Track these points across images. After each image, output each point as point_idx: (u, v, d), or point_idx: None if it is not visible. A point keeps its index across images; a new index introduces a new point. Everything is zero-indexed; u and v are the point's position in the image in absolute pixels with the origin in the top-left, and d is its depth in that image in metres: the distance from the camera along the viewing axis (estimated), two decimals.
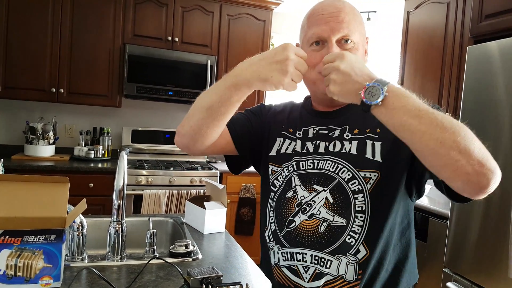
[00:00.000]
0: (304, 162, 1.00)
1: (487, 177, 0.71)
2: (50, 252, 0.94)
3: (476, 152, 0.71)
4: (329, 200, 0.93)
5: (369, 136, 0.95)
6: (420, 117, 0.72)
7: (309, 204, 0.95)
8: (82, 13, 3.07)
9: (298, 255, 0.96)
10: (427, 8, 2.77)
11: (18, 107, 3.26)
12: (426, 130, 0.71)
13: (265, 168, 1.09)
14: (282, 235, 0.98)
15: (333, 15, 0.93)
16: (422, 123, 0.71)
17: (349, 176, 0.93)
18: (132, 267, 1.18)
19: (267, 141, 1.11)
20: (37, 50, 2.98)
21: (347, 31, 0.93)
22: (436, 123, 0.71)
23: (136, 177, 2.95)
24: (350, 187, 0.93)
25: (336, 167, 0.95)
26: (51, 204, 0.96)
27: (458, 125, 0.72)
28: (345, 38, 0.93)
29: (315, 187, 0.96)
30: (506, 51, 1.88)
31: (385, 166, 0.91)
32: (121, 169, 1.24)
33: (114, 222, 1.25)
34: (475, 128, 0.78)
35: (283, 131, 1.08)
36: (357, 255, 0.91)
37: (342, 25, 0.93)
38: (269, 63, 0.83)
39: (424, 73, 2.77)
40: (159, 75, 3.23)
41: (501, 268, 1.83)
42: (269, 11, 3.59)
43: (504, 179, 0.75)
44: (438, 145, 0.70)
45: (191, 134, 0.99)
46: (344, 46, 0.94)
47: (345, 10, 0.94)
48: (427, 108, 0.74)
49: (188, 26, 3.34)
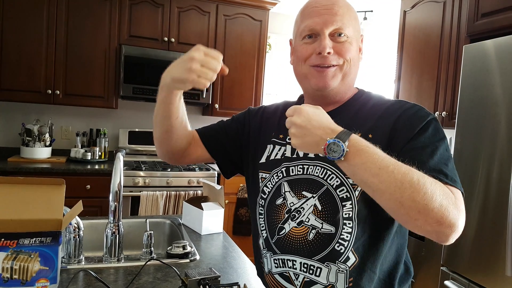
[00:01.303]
0: (294, 167, 0.98)
1: (445, 234, 0.72)
2: (46, 254, 0.93)
3: (435, 211, 0.70)
4: (317, 207, 0.92)
5: None
6: (379, 176, 0.71)
7: (298, 211, 0.94)
8: (78, 14, 3.06)
9: (289, 262, 0.95)
10: (423, 7, 2.78)
11: (14, 109, 3.25)
12: (386, 189, 0.71)
13: (255, 176, 1.07)
14: (274, 242, 0.98)
15: (326, 8, 0.92)
16: (382, 182, 0.71)
17: (337, 183, 0.91)
18: (129, 268, 1.18)
19: (254, 148, 1.09)
20: (32, 52, 2.97)
21: (341, 24, 0.91)
22: (396, 183, 0.70)
23: (133, 178, 2.94)
24: (338, 194, 0.91)
25: (325, 173, 0.93)
26: (47, 206, 0.95)
27: (419, 182, 0.70)
28: (338, 32, 0.92)
29: (304, 193, 0.95)
30: (502, 49, 1.88)
31: None
32: (118, 171, 1.24)
33: (111, 223, 1.24)
34: (472, 126, 0.78)
35: (273, 138, 1.06)
36: (346, 263, 0.90)
37: (335, 18, 0.91)
38: (178, 63, 0.90)
39: (421, 72, 2.77)
40: (156, 76, 3.17)
41: (498, 266, 1.83)
42: (265, 11, 3.59)
43: (501, 177, 0.75)
44: (397, 205, 0.71)
45: (159, 143, 1.09)
46: (337, 39, 0.92)
47: (339, 4, 0.93)
48: (388, 165, 0.71)
49: (184, 26, 3.34)
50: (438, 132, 0.87)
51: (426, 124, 0.87)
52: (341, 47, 0.92)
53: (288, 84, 4.19)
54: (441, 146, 0.84)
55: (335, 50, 0.92)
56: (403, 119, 0.89)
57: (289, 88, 4.18)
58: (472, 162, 1.99)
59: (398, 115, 0.90)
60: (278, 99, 4.13)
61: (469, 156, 2.01)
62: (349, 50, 0.93)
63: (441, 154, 0.83)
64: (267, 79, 3.89)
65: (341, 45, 0.92)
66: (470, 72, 2.06)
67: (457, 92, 2.18)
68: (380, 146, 0.76)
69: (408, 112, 0.90)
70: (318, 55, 0.92)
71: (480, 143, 1.95)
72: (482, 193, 1.93)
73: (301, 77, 0.99)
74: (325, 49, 0.90)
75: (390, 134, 0.88)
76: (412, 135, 0.85)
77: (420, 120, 0.87)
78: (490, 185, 1.89)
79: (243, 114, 1.17)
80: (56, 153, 3.27)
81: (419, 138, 0.85)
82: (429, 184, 0.71)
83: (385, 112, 0.93)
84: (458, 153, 2.07)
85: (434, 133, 0.86)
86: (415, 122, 0.87)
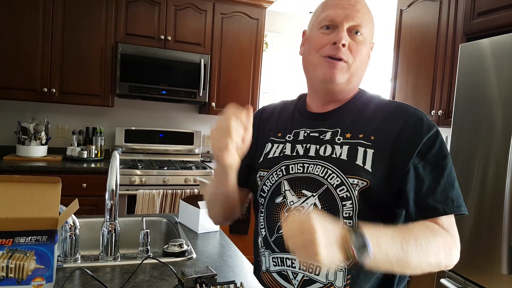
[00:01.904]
0: (294, 165, 0.98)
1: (437, 271, 0.85)
2: (42, 253, 0.93)
3: (436, 268, 0.84)
4: (317, 206, 0.92)
5: (361, 143, 0.93)
6: (394, 267, 0.79)
7: (298, 210, 0.94)
8: (74, 12, 3.04)
9: (288, 260, 0.95)
10: (419, 6, 2.78)
11: (9, 107, 3.23)
12: (398, 271, 0.84)
13: (255, 176, 1.06)
14: (272, 241, 0.98)
15: (349, 3, 0.94)
16: (395, 268, 0.80)
17: (337, 182, 0.91)
18: (126, 267, 1.17)
19: (254, 149, 1.08)
20: (28, 50, 2.95)
21: (361, 21, 0.93)
22: (405, 267, 0.80)
23: (129, 177, 2.93)
24: (339, 193, 0.91)
25: (325, 172, 0.93)
26: (43, 204, 0.95)
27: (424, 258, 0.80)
28: (356, 29, 0.93)
29: (304, 192, 0.95)
30: (498, 48, 1.89)
31: (375, 175, 0.89)
32: (114, 169, 1.23)
33: (107, 222, 1.24)
34: (468, 124, 0.80)
35: (271, 137, 1.06)
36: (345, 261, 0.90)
37: (357, 14, 0.92)
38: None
39: (417, 71, 2.78)
40: (152, 74, 3.21)
41: (494, 264, 1.84)
42: (262, 9, 3.58)
43: (496, 176, 0.76)
44: (402, 272, 0.84)
45: (223, 221, 1.16)
46: (353, 36, 0.93)
47: (362, 3, 0.95)
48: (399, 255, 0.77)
49: (181, 24, 3.33)
50: (443, 149, 0.90)
51: (433, 137, 0.89)
52: (355, 45, 0.93)
53: (285, 82, 4.19)
54: (447, 165, 0.88)
55: (349, 47, 0.93)
56: (409, 127, 0.90)
57: (286, 87, 4.18)
58: (468, 161, 2.00)
59: (403, 121, 0.91)
60: (275, 98, 4.14)
61: (465, 154, 2.02)
62: (361, 51, 0.94)
63: (447, 175, 0.88)
64: (264, 77, 3.89)
65: (355, 43, 0.93)
66: (466, 70, 2.06)
67: (453, 90, 2.19)
68: (383, 151, 0.82)
69: (413, 118, 0.91)
70: (332, 46, 0.92)
71: (476, 142, 1.96)
72: (478, 191, 1.94)
73: (310, 67, 0.98)
74: (341, 39, 0.91)
75: (396, 140, 0.90)
76: (418, 147, 0.88)
77: (426, 131, 0.89)
78: (486, 183, 1.90)
79: (253, 124, 1.16)
80: (52, 151, 3.26)
81: (426, 155, 0.88)
82: (433, 253, 0.81)
83: (389, 116, 0.94)
84: (454, 151, 2.08)
85: (440, 149, 0.89)
86: (421, 132, 0.89)
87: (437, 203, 0.85)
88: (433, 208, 0.86)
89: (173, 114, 3.72)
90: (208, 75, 3.38)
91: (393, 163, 0.89)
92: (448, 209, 0.85)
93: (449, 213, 0.86)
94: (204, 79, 3.33)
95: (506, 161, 1.77)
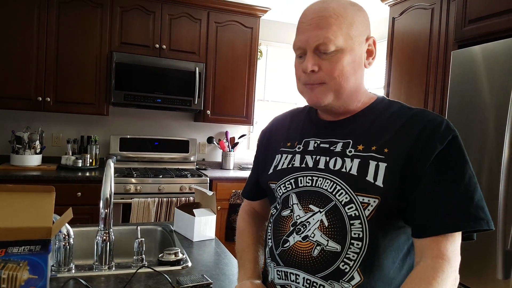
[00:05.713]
0: (303, 178, 0.95)
1: None
2: (35, 263, 0.92)
3: None
4: (324, 223, 0.88)
5: (373, 156, 0.87)
6: None
7: (304, 225, 0.91)
8: (68, 21, 3.05)
9: (292, 275, 0.92)
10: (411, 14, 2.81)
11: (3, 116, 3.22)
12: None
13: (267, 188, 1.06)
14: (278, 253, 0.96)
15: (310, 23, 0.88)
16: None
17: (346, 200, 0.87)
18: (120, 276, 1.17)
19: (264, 161, 1.08)
20: (22, 59, 2.95)
21: (324, 38, 0.86)
22: None
23: (124, 185, 2.92)
24: (347, 211, 0.86)
25: (334, 187, 0.89)
26: (36, 214, 0.94)
27: None
28: (322, 47, 0.87)
29: (311, 207, 0.91)
30: (489, 55, 1.91)
31: (387, 191, 0.84)
32: (108, 177, 1.23)
33: (101, 231, 1.23)
34: (461, 130, 0.80)
35: (281, 147, 1.04)
36: (351, 282, 0.86)
37: (318, 33, 0.87)
38: None
39: (410, 78, 2.80)
40: (147, 82, 3.21)
41: (489, 269, 1.84)
42: (256, 18, 3.61)
43: (490, 181, 0.77)
44: None
45: None
46: (322, 56, 0.88)
47: (327, 13, 0.88)
48: None
49: (175, 33, 3.34)
50: (461, 156, 0.84)
51: (449, 145, 0.84)
52: (327, 64, 0.88)
53: (280, 90, 4.21)
54: (466, 173, 0.83)
55: (322, 67, 0.89)
56: (426, 134, 0.85)
57: (281, 95, 4.20)
58: None
59: (420, 128, 0.86)
60: (270, 105, 4.16)
61: None
62: (337, 65, 0.88)
63: (466, 185, 0.83)
64: (258, 85, 3.91)
65: (327, 61, 0.88)
66: (458, 77, 2.09)
67: (445, 97, 2.21)
68: (397, 164, 0.82)
69: (430, 125, 0.86)
70: (304, 74, 0.91)
71: (469, 148, 1.98)
72: None
73: (300, 93, 0.98)
74: (307, 68, 0.89)
75: (410, 150, 0.84)
76: (432, 157, 0.83)
77: (442, 138, 0.84)
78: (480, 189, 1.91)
79: (260, 137, 1.17)
80: (46, 160, 3.24)
81: (439, 166, 0.83)
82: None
83: (407, 124, 0.88)
84: None
85: (458, 157, 0.84)
86: (436, 139, 0.84)
87: (445, 218, 0.80)
88: (437, 226, 0.82)
89: (168, 122, 3.72)
90: (203, 83, 3.39)
91: (404, 175, 0.84)
92: (454, 225, 0.81)
93: (453, 231, 0.82)
94: (199, 87, 3.34)
95: (499, 167, 1.78)
